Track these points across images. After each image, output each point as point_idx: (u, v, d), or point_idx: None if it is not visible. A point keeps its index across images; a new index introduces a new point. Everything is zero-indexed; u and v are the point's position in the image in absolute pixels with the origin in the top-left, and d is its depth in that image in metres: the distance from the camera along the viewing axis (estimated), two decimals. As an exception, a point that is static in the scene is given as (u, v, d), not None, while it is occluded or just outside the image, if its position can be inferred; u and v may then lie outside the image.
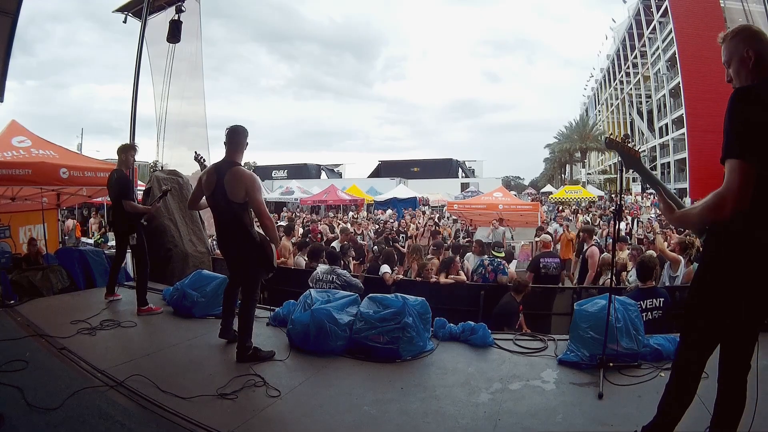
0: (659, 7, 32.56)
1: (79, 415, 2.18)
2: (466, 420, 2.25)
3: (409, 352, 3.02)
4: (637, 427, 1.88)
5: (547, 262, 5.74)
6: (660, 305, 3.50)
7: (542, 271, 5.63)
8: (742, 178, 1.37)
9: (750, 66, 1.52)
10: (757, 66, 1.51)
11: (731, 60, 1.59)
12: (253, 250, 2.97)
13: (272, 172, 38.47)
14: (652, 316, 3.48)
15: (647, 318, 3.47)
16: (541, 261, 5.79)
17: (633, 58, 39.81)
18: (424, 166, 40.42)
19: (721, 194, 1.42)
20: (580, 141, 42.24)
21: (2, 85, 4.79)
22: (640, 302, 3.49)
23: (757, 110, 1.41)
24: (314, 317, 3.11)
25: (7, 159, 4.93)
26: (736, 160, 1.39)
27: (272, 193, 23.63)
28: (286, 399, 2.47)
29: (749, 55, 1.52)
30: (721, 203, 1.42)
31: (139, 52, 6.13)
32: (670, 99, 33.14)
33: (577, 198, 24.14)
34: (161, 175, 6.04)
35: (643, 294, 3.57)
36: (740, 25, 1.65)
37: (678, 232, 8.06)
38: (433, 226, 10.91)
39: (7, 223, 5.80)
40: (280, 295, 4.81)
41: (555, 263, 5.82)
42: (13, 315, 3.80)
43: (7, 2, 4.08)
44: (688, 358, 1.69)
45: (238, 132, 3.06)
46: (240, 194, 2.89)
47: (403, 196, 23.91)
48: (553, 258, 5.94)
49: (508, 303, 4.20)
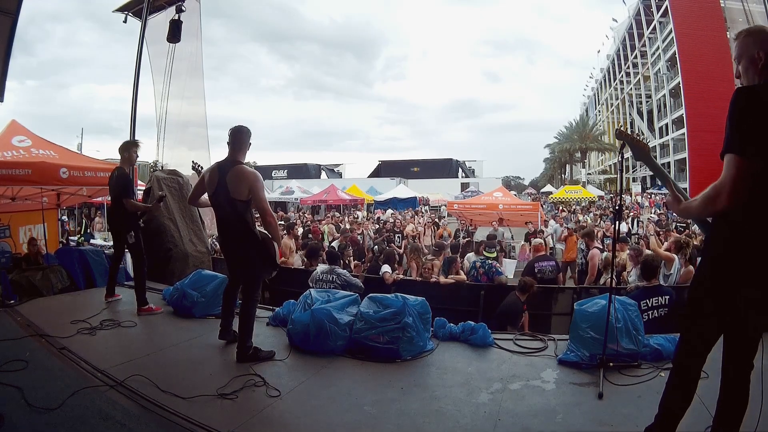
0: (659, 7, 32.56)
1: (79, 415, 2.18)
2: (466, 420, 2.25)
3: (409, 352, 3.02)
4: (638, 427, 1.88)
5: (542, 266, 5.69)
6: (665, 303, 3.52)
7: (537, 275, 5.58)
8: (737, 172, 1.42)
9: (759, 66, 1.55)
10: (767, 68, 1.54)
11: (741, 57, 1.61)
12: (256, 249, 2.97)
13: (272, 172, 38.48)
14: (658, 314, 3.50)
15: (653, 316, 3.49)
16: (535, 266, 5.73)
17: (633, 58, 39.81)
18: (424, 166, 40.46)
19: (717, 186, 1.47)
20: (580, 141, 42.23)
21: (2, 85, 4.79)
22: (645, 300, 3.53)
23: (757, 109, 1.46)
24: (314, 317, 3.11)
25: (7, 159, 4.93)
26: (733, 155, 1.44)
27: (272, 193, 23.63)
28: (286, 399, 2.47)
29: (760, 56, 1.55)
30: (717, 195, 1.47)
31: (139, 52, 6.14)
32: (670, 99, 33.15)
33: (577, 198, 24.13)
34: (161, 175, 6.05)
35: (649, 292, 3.59)
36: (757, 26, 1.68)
37: (678, 232, 8.09)
38: (433, 227, 10.90)
39: (7, 223, 5.80)
40: (280, 295, 4.81)
41: (551, 267, 5.77)
42: (13, 315, 3.80)
43: (7, 2, 4.08)
44: (688, 353, 1.70)
45: (242, 132, 3.06)
46: (243, 192, 2.88)
47: (403, 196, 23.92)
48: (548, 262, 5.89)
49: (513, 303, 4.21)
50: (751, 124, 1.44)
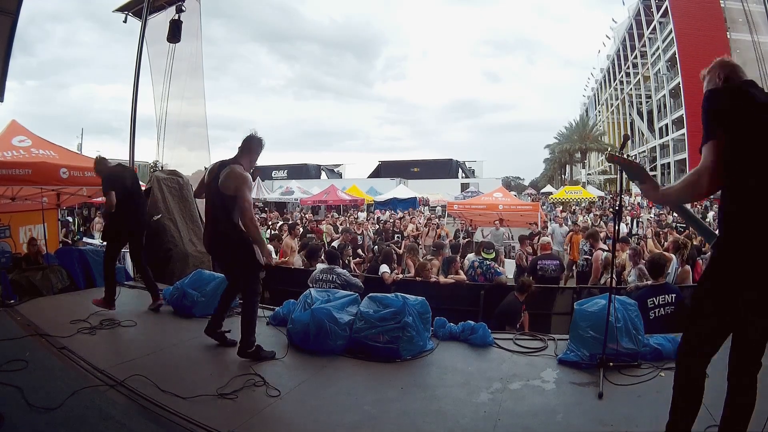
0: (659, 7, 32.60)
1: (79, 415, 2.18)
2: (466, 420, 2.25)
3: (409, 352, 3.02)
4: (638, 427, 1.88)
5: (545, 265, 5.70)
6: (672, 301, 3.53)
7: (539, 273, 5.59)
8: (714, 155, 1.49)
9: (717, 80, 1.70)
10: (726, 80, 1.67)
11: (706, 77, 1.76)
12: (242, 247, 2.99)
13: (272, 172, 38.44)
14: (664, 312, 3.51)
15: (660, 314, 3.50)
16: (539, 264, 5.74)
17: (633, 59, 39.82)
18: (424, 167, 40.39)
19: (697, 171, 1.54)
20: (580, 141, 42.20)
21: (2, 85, 4.79)
22: (652, 298, 3.54)
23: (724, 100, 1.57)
24: (314, 317, 3.11)
25: (7, 159, 4.93)
26: (709, 141, 1.51)
27: (272, 193, 23.60)
28: (286, 399, 2.47)
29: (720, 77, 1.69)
30: (697, 179, 1.53)
31: (139, 52, 6.14)
32: (670, 99, 33.17)
33: (577, 198, 24.11)
34: (161, 175, 6.05)
35: (656, 291, 3.61)
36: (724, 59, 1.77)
37: (678, 232, 8.09)
38: (434, 227, 10.89)
39: (7, 223, 5.79)
40: (280, 295, 4.81)
41: (554, 266, 5.77)
42: (13, 315, 3.80)
43: (7, 2, 4.08)
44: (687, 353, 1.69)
45: (252, 140, 3.14)
46: (231, 187, 2.93)
47: (403, 196, 23.92)
48: (552, 260, 5.89)
49: (511, 303, 4.21)
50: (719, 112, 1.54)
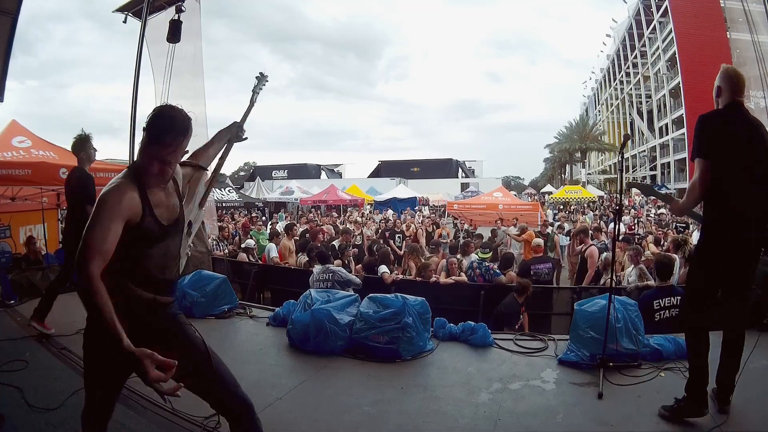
0: (659, 7, 32.58)
1: (79, 415, 2.17)
2: (466, 420, 2.25)
3: (409, 352, 3.02)
4: (638, 427, 1.88)
5: (538, 269, 5.54)
6: (677, 303, 3.50)
7: (533, 277, 5.46)
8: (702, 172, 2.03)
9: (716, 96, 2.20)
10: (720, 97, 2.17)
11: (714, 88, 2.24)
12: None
13: (272, 172, 38.46)
14: (669, 314, 3.51)
15: (665, 316, 3.49)
16: (531, 268, 5.58)
17: (633, 58, 39.80)
18: (424, 166, 40.39)
19: (693, 183, 2.09)
20: (580, 141, 42.15)
21: (2, 85, 4.78)
22: (658, 300, 3.54)
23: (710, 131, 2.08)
24: (314, 317, 3.11)
25: (7, 159, 4.93)
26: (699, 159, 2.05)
27: (272, 193, 23.59)
28: (286, 399, 2.47)
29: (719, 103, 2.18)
30: (693, 189, 2.09)
31: (139, 52, 6.12)
32: (670, 99, 33.15)
33: (577, 198, 24.10)
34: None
35: (662, 292, 3.61)
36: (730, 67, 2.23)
37: (678, 232, 8.10)
38: (431, 226, 10.85)
39: (7, 223, 5.81)
40: (280, 295, 4.81)
41: (547, 269, 5.63)
42: (13, 315, 3.80)
43: (7, 2, 4.08)
44: (694, 305, 2.13)
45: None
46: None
47: (403, 196, 23.87)
48: (544, 264, 5.71)
49: (509, 304, 4.20)
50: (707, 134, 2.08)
